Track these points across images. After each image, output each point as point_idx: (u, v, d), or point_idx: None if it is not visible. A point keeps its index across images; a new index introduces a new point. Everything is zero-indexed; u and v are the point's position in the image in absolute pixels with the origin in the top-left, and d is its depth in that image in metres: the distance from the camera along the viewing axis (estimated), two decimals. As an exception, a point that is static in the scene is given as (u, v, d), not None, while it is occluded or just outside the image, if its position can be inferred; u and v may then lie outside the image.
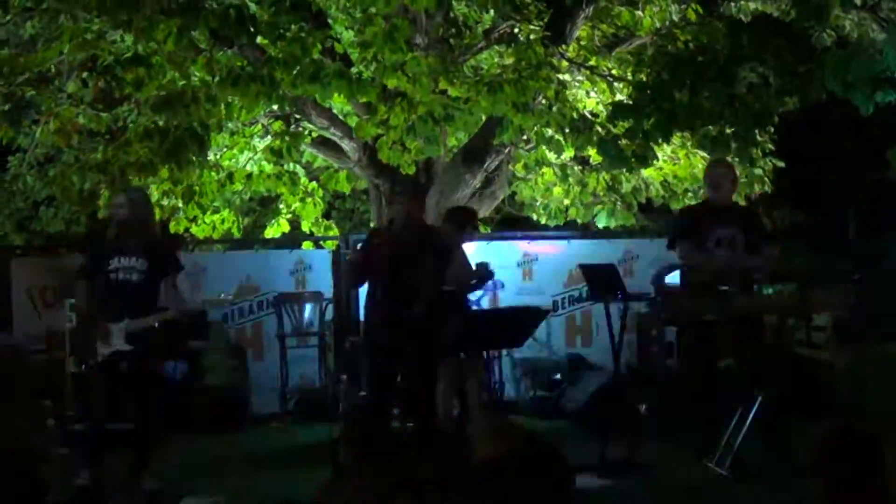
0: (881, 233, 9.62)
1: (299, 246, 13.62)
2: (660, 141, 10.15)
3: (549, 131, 10.33)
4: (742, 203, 10.41)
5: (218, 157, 11.93)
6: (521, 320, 8.06)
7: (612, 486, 7.02)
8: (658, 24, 10.95)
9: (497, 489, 3.15)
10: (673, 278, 7.69)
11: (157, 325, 7.20)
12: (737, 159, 10.45)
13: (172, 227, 11.97)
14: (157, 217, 9.14)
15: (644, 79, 10.18)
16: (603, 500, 6.50)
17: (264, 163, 12.17)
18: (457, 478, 3.23)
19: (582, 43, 11.15)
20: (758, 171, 11.20)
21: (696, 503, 6.60)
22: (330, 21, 11.20)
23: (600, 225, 12.48)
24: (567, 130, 10.18)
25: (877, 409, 7.18)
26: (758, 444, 7.27)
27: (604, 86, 10.93)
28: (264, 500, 6.56)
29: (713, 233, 7.68)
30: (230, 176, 12.00)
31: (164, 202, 11.29)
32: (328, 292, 10.60)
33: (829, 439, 3.72)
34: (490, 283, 9.54)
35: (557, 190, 12.43)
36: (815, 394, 8.43)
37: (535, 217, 13.47)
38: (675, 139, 11.12)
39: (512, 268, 10.94)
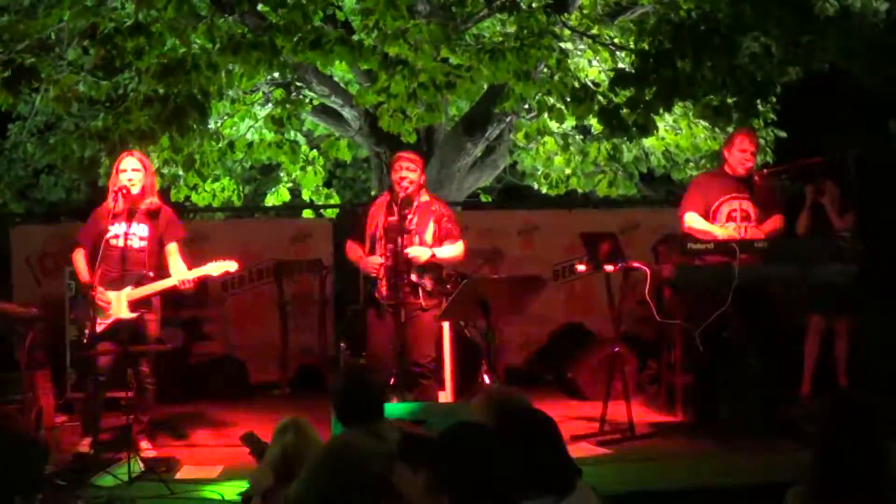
0: (882, 203, 9.61)
1: (300, 214, 13.65)
2: (661, 110, 10.13)
3: (551, 100, 10.31)
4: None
5: (218, 125, 11.93)
6: (522, 289, 8.03)
7: (610, 453, 7.04)
8: (661, -7, 10.89)
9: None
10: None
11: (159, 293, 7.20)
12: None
13: (173, 195, 11.98)
14: (158, 185, 9.10)
15: (646, 47, 10.14)
16: (600, 468, 6.50)
17: (265, 131, 12.18)
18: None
19: (584, 11, 11.11)
20: (759, 142, 11.17)
21: (692, 470, 6.60)
22: (331, -12, 11.16)
23: (601, 194, 12.50)
24: (568, 99, 10.15)
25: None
26: (755, 413, 7.30)
27: (606, 55, 10.90)
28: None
29: (726, 204, 7.71)
30: (231, 144, 12.01)
31: (165, 170, 11.29)
32: (328, 260, 10.57)
33: (828, 408, 3.73)
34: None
35: (559, 159, 12.43)
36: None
37: (536, 186, 13.48)
38: (677, 109, 11.10)
39: (512, 237, 10.91)
